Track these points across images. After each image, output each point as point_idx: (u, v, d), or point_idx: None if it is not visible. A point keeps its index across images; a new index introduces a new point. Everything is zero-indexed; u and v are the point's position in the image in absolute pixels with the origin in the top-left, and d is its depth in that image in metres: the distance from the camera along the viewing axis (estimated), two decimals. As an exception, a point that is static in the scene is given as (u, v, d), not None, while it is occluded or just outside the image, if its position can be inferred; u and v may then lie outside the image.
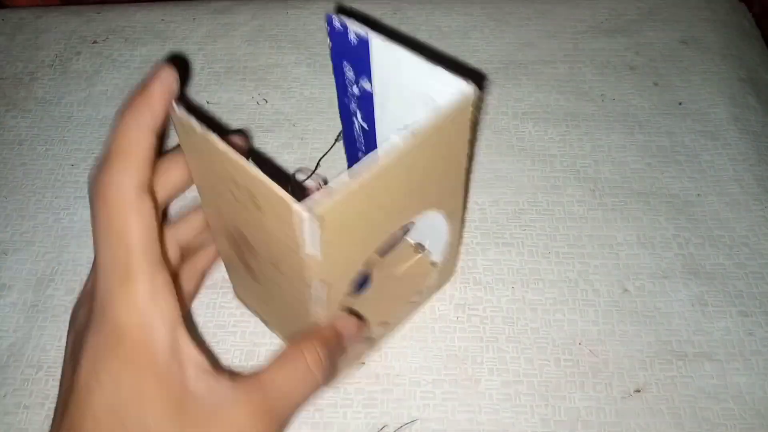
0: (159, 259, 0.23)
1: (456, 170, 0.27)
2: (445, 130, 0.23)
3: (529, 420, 0.30)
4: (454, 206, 0.29)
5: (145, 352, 0.22)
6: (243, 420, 0.23)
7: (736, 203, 0.37)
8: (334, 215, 0.20)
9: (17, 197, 0.39)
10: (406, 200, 0.25)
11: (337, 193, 0.20)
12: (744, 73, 0.44)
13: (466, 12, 0.48)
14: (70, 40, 0.48)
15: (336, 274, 0.24)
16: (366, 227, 0.24)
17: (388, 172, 0.22)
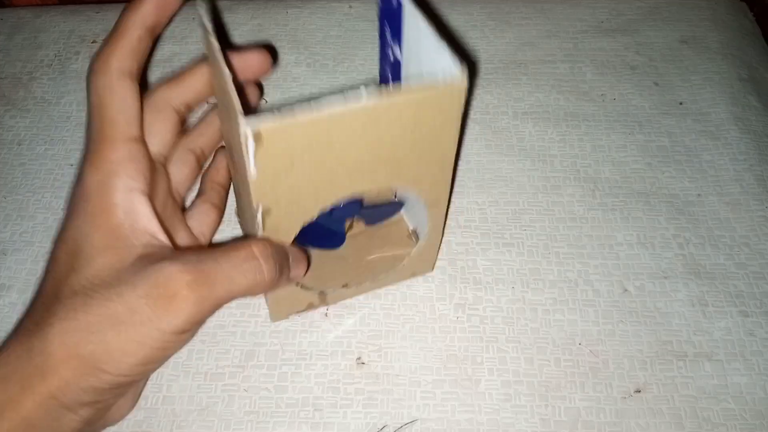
0: (133, 135, 0.27)
1: (440, 157, 0.27)
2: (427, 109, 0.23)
3: (529, 420, 0.30)
4: (436, 195, 0.29)
5: (102, 208, 0.25)
6: (177, 283, 0.23)
7: (737, 203, 0.37)
8: (274, 138, 0.21)
9: (16, 197, 0.39)
10: (374, 165, 0.25)
11: (282, 118, 0.21)
12: (745, 72, 0.44)
13: (466, 12, 0.48)
14: (70, 39, 0.47)
15: (283, 210, 0.25)
16: (319, 171, 0.24)
17: (344, 120, 0.22)
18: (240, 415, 0.31)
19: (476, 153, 0.40)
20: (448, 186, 0.29)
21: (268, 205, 0.24)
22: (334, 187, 0.25)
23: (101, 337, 0.23)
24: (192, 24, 0.48)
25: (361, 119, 0.22)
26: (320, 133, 0.22)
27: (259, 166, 0.22)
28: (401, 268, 0.33)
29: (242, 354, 0.32)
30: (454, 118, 0.25)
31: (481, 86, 0.43)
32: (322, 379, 0.32)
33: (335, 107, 0.21)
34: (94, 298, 0.24)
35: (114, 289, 0.24)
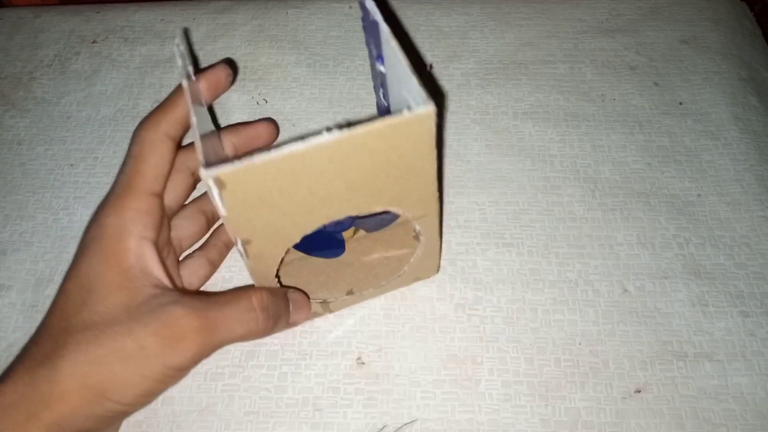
0: (156, 191, 0.29)
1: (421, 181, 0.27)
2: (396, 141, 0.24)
3: (529, 420, 0.30)
4: (422, 211, 0.29)
5: (117, 251, 0.27)
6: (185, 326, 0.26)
7: (737, 203, 0.37)
8: (237, 182, 0.22)
9: (16, 197, 0.39)
10: (350, 194, 0.25)
11: (241, 163, 0.22)
12: (745, 72, 0.44)
13: (466, 12, 0.48)
14: (69, 39, 0.47)
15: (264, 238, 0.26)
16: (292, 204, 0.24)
17: (306, 159, 0.22)
18: (240, 415, 0.31)
19: (476, 153, 0.40)
20: (434, 201, 0.29)
21: (246, 237, 0.25)
22: (313, 216, 0.26)
23: (110, 369, 0.25)
24: (192, 24, 0.48)
25: (324, 156, 0.23)
26: (284, 172, 0.23)
27: (227, 205, 0.23)
28: (404, 274, 0.33)
29: (242, 354, 0.32)
30: (427, 147, 0.25)
31: (481, 86, 0.43)
32: (322, 379, 0.32)
33: (292, 148, 0.22)
34: (106, 332, 0.26)
35: (125, 326, 0.26)
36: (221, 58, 0.46)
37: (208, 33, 0.47)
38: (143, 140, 0.30)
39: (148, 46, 0.47)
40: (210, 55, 0.46)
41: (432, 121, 0.23)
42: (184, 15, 0.49)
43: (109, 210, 0.28)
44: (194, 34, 0.47)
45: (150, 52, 0.46)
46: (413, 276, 0.34)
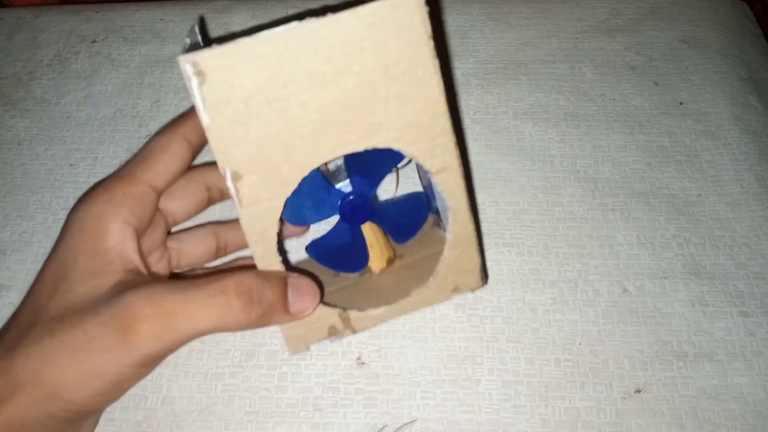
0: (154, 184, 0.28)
1: (427, 100, 0.24)
2: (383, 29, 0.21)
3: (529, 420, 0.30)
4: (440, 156, 0.26)
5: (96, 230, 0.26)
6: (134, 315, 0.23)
7: (737, 203, 0.37)
8: (217, 70, 0.20)
9: (16, 197, 0.39)
10: (346, 113, 0.23)
11: (221, 47, 0.20)
12: (745, 72, 0.44)
13: (466, 12, 0.48)
14: (69, 39, 0.47)
15: (257, 173, 0.23)
16: (282, 118, 0.22)
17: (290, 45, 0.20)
18: (240, 415, 0.31)
19: (476, 153, 0.40)
20: (451, 143, 0.25)
21: (236, 169, 0.23)
22: (310, 145, 0.23)
23: (59, 364, 0.23)
24: (192, 24, 0.48)
25: (309, 43, 0.20)
26: (267, 63, 0.20)
27: (209, 107, 0.21)
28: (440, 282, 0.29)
29: (242, 354, 0.32)
30: (421, 41, 0.22)
31: (481, 86, 0.43)
32: (322, 379, 0.32)
33: (276, 29, 0.20)
34: (63, 323, 0.24)
35: (80, 317, 0.24)
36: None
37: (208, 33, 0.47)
38: (157, 140, 0.29)
39: (147, 45, 0.47)
40: (210, 55, 0.46)
41: (421, 4, 0.21)
42: (184, 15, 0.49)
43: (99, 190, 0.27)
44: (194, 33, 0.47)
45: (150, 51, 0.46)
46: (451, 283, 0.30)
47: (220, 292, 0.24)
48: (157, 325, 0.23)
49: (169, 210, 0.30)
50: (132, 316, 0.23)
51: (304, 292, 0.27)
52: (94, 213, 0.26)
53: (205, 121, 0.21)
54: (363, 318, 0.30)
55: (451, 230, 0.28)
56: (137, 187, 0.27)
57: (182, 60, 0.20)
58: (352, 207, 0.30)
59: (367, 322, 0.30)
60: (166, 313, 0.23)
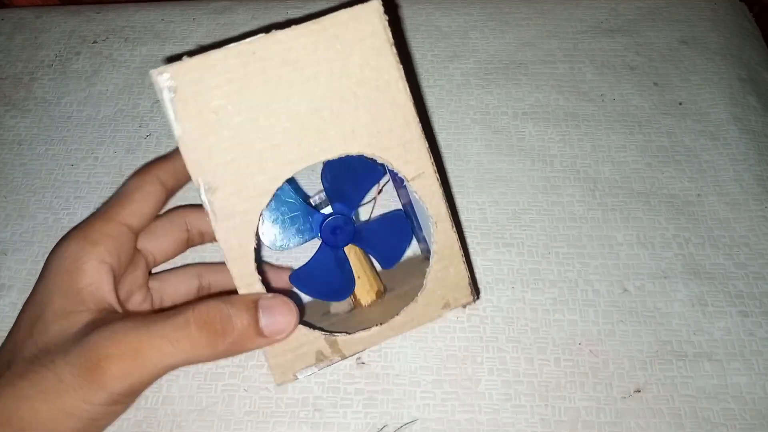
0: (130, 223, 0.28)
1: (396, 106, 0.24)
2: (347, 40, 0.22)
3: (529, 420, 0.30)
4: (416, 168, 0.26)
5: (71, 269, 0.26)
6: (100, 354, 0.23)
7: (736, 203, 0.37)
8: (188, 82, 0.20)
9: (17, 197, 0.39)
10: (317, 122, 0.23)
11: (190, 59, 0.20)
12: (744, 72, 0.44)
13: (466, 12, 0.48)
14: (70, 39, 0.48)
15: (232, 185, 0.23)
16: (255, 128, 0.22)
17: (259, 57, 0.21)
18: (240, 415, 0.31)
19: (476, 153, 0.40)
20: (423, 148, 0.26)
21: (210, 180, 0.23)
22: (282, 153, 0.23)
23: (31, 404, 0.23)
24: (192, 24, 0.48)
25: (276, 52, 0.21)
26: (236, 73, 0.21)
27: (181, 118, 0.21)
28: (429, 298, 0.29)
29: (242, 354, 0.32)
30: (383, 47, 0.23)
31: (481, 86, 0.44)
32: (322, 379, 0.32)
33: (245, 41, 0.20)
34: (34, 364, 0.24)
35: (50, 357, 0.24)
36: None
37: (208, 33, 0.47)
38: (132, 182, 0.29)
39: (148, 46, 0.47)
40: (210, 56, 0.46)
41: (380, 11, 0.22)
42: (184, 15, 0.49)
43: (75, 232, 0.28)
44: (194, 34, 0.48)
45: (150, 52, 0.46)
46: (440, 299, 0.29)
47: (182, 325, 0.24)
48: (123, 364, 0.23)
49: (149, 250, 0.30)
50: (97, 356, 0.23)
51: (278, 312, 0.25)
52: (69, 253, 0.27)
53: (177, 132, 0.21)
54: (351, 342, 0.28)
55: (434, 240, 0.28)
56: (112, 226, 0.27)
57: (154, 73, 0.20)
58: (333, 227, 0.31)
59: (356, 346, 0.29)
60: (131, 351, 0.23)
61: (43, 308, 0.26)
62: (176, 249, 0.31)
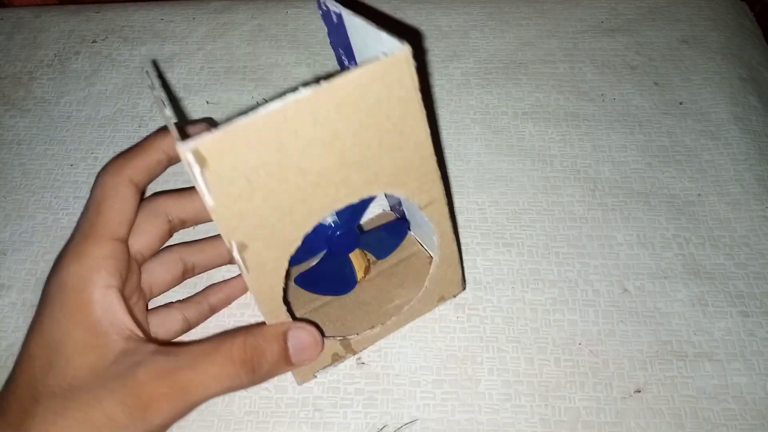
0: (120, 235, 0.27)
1: (417, 149, 0.25)
2: (375, 89, 0.22)
3: (529, 420, 0.30)
4: (428, 193, 0.27)
5: (81, 304, 0.26)
6: (152, 392, 0.24)
7: (737, 203, 0.37)
8: (219, 155, 0.20)
9: (16, 197, 0.39)
10: (344, 171, 0.23)
11: (220, 131, 0.19)
12: (745, 72, 0.44)
13: (466, 11, 0.48)
14: (69, 39, 0.47)
15: (260, 241, 0.23)
16: (285, 187, 0.22)
17: (288, 118, 0.20)
18: (240, 415, 0.31)
19: (476, 153, 0.40)
20: (437, 179, 0.27)
21: (241, 239, 0.23)
22: (310, 204, 0.24)
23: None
24: (192, 24, 0.48)
25: (307, 113, 0.21)
26: (267, 140, 0.21)
27: (213, 190, 0.21)
28: (426, 293, 0.31)
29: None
30: (411, 95, 0.23)
31: (481, 86, 0.43)
32: (322, 379, 0.32)
33: (272, 106, 0.20)
34: (74, 402, 0.24)
35: (93, 394, 0.24)
36: (221, 58, 0.46)
37: (208, 33, 0.47)
38: (105, 184, 0.28)
39: (147, 45, 0.47)
40: (209, 55, 0.46)
41: (409, 61, 0.22)
42: (184, 15, 0.49)
43: (69, 258, 0.26)
44: (194, 33, 0.47)
45: (150, 51, 0.46)
46: (437, 295, 0.32)
47: (225, 363, 0.25)
48: (174, 401, 0.25)
49: (137, 250, 0.29)
50: (149, 396, 0.24)
51: (305, 344, 0.28)
52: (72, 284, 0.26)
53: (209, 203, 0.21)
54: (362, 340, 0.31)
55: (437, 252, 0.30)
56: (107, 246, 0.27)
57: (182, 149, 0.19)
58: (339, 240, 0.31)
59: (365, 343, 0.32)
60: (180, 389, 0.25)
61: (58, 341, 0.25)
62: (162, 243, 0.31)
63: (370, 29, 0.23)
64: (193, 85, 0.44)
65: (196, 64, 0.45)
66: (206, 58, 0.46)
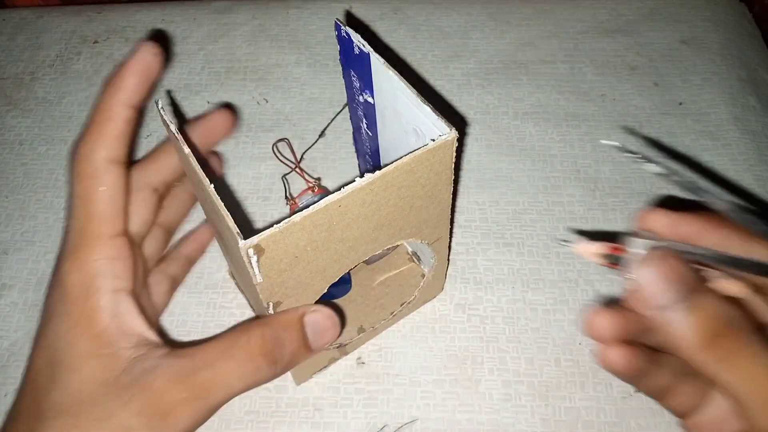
0: (119, 230, 0.25)
1: (439, 205, 0.27)
2: (421, 171, 0.23)
3: (529, 420, 0.30)
4: (438, 236, 0.29)
5: (86, 313, 0.24)
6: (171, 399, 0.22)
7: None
8: (276, 245, 0.21)
9: (18, 197, 0.39)
10: (375, 232, 0.25)
11: (280, 226, 0.20)
12: (744, 73, 0.44)
13: (467, 12, 0.48)
14: (71, 39, 0.48)
15: (293, 296, 0.25)
16: (324, 256, 0.24)
17: (342, 206, 0.22)
18: (240, 415, 0.31)
19: (476, 153, 0.40)
20: (448, 224, 0.29)
21: (278, 299, 0.24)
22: (341, 263, 0.25)
23: None
24: (192, 24, 0.48)
25: (357, 201, 0.22)
26: (321, 224, 0.22)
27: (264, 271, 0.22)
28: (413, 300, 0.33)
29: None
30: (447, 172, 0.25)
31: (481, 86, 0.44)
32: (322, 379, 0.32)
33: (333, 197, 0.21)
34: (82, 418, 0.22)
35: (103, 408, 0.22)
36: (222, 58, 0.46)
37: (209, 33, 0.47)
38: (83, 175, 0.24)
39: (149, 46, 0.47)
40: (210, 55, 0.46)
41: (454, 146, 0.24)
42: (185, 15, 0.49)
43: (69, 266, 0.24)
44: (195, 34, 0.48)
45: (151, 52, 0.46)
46: (422, 300, 0.34)
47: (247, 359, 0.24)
48: (195, 405, 0.23)
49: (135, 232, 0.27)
50: (168, 402, 0.22)
51: (323, 328, 0.26)
52: (75, 294, 0.24)
53: (258, 281, 0.22)
54: (354, 344, 0.32)
55: (431, 271, 0.32)
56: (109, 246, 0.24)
57: (243, 246, 0.20)
58: None
59: (357, 345, 0.33)
60: (201, 392, 0.23)
61: (62, 352, 0.23)
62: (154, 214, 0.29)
63: (409, 94, 0.24)
64: (194, 85, 0.44)
65: (196, 64, 0.45)
66: (207, 58, 0.46)
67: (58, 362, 0.23)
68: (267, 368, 0.24)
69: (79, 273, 0.24)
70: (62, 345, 0.24)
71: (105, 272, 0.24)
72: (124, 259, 0.25)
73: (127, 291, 0.24)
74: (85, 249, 0.24)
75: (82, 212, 0.24)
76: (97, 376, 0.23)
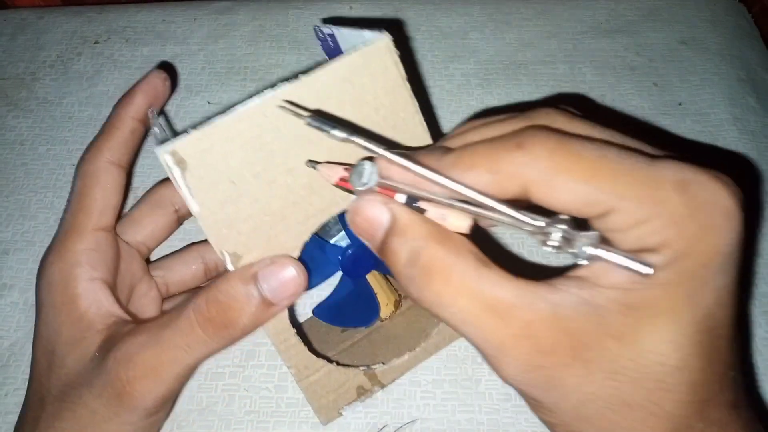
0: (103, 225, 0.27)
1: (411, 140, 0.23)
2: (361, 82, 0.21)
3: (529, 420, 0.30)
4: None
5: (66, 300, 0.25)
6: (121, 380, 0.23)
7: (736, 203, 0.37)
8: (199, 155, 0.19)
9: (18, 197, 0.39)
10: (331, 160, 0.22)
11: (197, 130, 0.19)
12: (743, 73, 0.44)
13: (466, 12, 0.48)
14: (72, 40, 0.48)
15: (255, 250, 0.22)
16: (275, 190, 0.21)
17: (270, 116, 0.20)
18: (240, 415, 0.31)
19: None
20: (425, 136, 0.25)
21: (234, 249, 0.22)
22: (304, 208, 0.22)
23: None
24: (193, 25, 0.48)
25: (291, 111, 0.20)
26: (248, 138, 0.20)
27: (196, 194, 0.20)
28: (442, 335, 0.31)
29: (242, 354, 0.33)
30: (398, 83, 0.22)
31: (481, 87, 0.44)
32: (322, 379, 0.32)
33: (250, 102, 0.19)
34: (66, 402, 0.24)
35: (77, 392, 0.24)
36: (222, 59, 0.46)
37: (209, 33, 0.48)
38: (85, 173, 0.27)
39: (149, 46, 0.47)
40: (211, 56, 0.46)
41: (391, 49, 0.21)
42: (185, 15, 0.49)
43: (53, 257, 0.26)
44: (195, 34, 0.48)
45: (151, 52, 0.47)
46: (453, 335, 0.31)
47: (188, 330, 0.23)
48: (147, 382, 0.23)
49: (139, 241, 0.29)
50: (121, 382, 0.23)
51: (282, 280, 0.23)
52: (56, 283, 0.26)
53: (195, 209, 0.20)
54: (389, 371, 0.29)
55: None
56: (88, 239, 0.26)
57: (160, 151, 0.19)
58: (354, 260, 0.29)
59: (394, 374, 0.30)
60: (150, 369, 0.23)
61: (54, 342, 0.25)
62: (166, 232, 0.30)
63: (355, 33, 0.23)
64: (195, 86, 0.44)
65: (197, 65, 0.46)
66: (207, 59, 0.46)
67: (51, 350, 0.25)
68: (216, 335, 0.23)
69: (60, 262, 0.26)
70: (52, 333, 0.25)
71: (82, 262, 0.26)
72: (103, 252, 0.26)
73: (102, 280, 0.26)
74: (68, 241, 0.26)
75: (75, 205, 0.27)
76: (77, 360, 0.25)
